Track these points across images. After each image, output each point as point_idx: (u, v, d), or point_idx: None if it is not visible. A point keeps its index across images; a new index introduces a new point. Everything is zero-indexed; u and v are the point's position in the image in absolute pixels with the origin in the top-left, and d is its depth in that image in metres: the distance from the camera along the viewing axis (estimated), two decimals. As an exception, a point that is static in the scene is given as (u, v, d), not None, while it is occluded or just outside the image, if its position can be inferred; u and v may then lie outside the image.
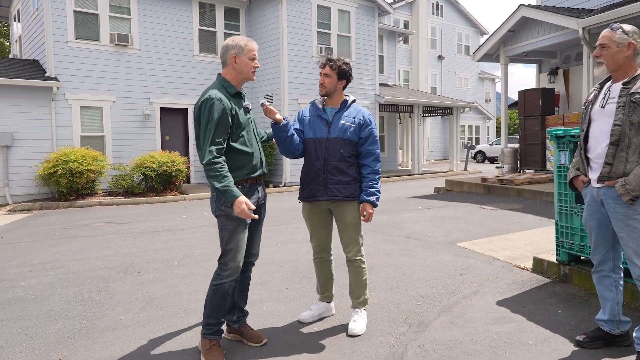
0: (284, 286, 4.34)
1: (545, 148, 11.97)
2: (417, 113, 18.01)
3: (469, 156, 21.67)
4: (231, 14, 14.76)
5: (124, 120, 12.90)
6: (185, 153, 13.88)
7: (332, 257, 3.51)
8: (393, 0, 26.37)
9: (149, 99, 13.28)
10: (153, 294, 4.21)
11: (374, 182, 3.25)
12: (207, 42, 14.27)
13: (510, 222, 7.08)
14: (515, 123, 35.24)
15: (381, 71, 18.61)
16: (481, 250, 5.43)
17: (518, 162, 12.88)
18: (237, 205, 2.70)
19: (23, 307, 3.96)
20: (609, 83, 2.85)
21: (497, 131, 34.67)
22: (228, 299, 2.92)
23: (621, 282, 2.94)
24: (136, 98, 13.08)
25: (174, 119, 13.94)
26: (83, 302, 4.04)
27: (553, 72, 12.65)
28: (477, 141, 31.54)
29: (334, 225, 3.41)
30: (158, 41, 13.33)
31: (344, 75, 3.27)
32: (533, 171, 12.38)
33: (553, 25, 10.76)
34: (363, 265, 3.36)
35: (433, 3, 29.35)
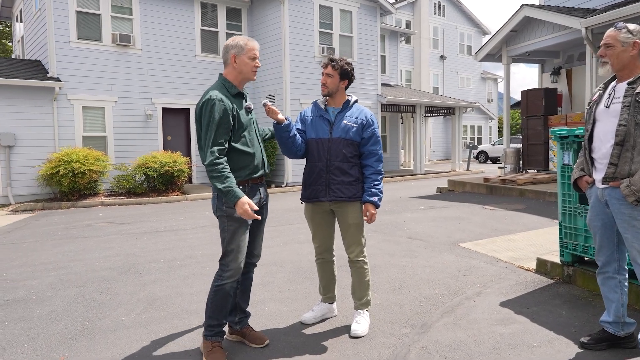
0: (286, 287, 4.33)
1: (548, 148, 11.94)
2: (419, 113, 17.98)
3: (471, 156, 21.62)
4: (233, 14, 14.76)
5: (126, 120, 12.91)
6: (187, 153, 13.88)
7: (335, 258, 3.50)
8: (395, 0, 26.33)
9: (151, 99, 13.29)
10: (155, 295, 4.20)
11: (377, 183, 3.23)
12: (209, 42, 14.27)
13: (513, 223, 7.05)
14: (517, 123, 35.15)
15: (383, 71, 18.58)
16: (484, 250, 5.41)
17: (521, 162, 12.84)
18: (240, 206, 2.69)
19: (25, 308, 3.95)
20: (614, 83, 2.83)
21: (500, 131, 34.62)
22: (229, 300, 2.91)
23: (626, 284, 2.92)
24: (138, 98, 13.08)
25: (176, 119, 13.94)
26: (85, 303, 4.04)
27: (556, 72, 12.61)
28: (480, 141, 31.49)
29: (337, 225, 3.39)
30: (160, 41, 13.34)
31: (347, 75, 3.25)
32: (536, 171, 12.34)
33: (556, 25, 10.72)
34: (366, 266, 3.34)
35: (435, 3, 29.31)
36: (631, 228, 2.67)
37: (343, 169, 3.19)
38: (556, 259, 4.34)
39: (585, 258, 4.09)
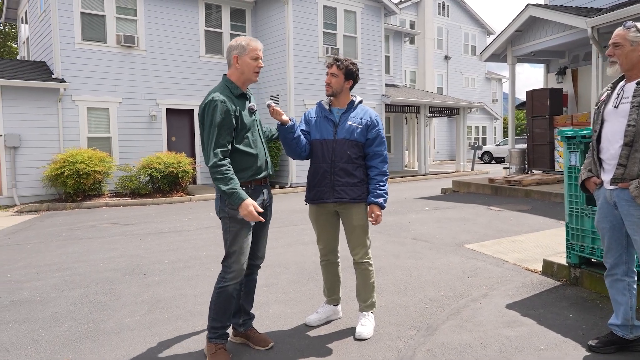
0: (291, 289, 4.30)
1: (553, 149, 11.87)
2: (424, 113, 17.93)
3: (476, 157, 21.54)
4: (237, 15, 14.77)
5: (131, 121, 12.93)
6: (191, 154, 13.89)
7: (340, 260, 3.47)
8: (399, 0, 26.29)
9: (155, 100, 13.31)
10: (159, 296, 4.19)
11: (382, 184, 3.20)
12: (213, 43, 14.28)
13: (518, 224, 7.00)
14: (522, 123, 35.03)
15: (387, 72, 18.54)
16: (489, 252, 5.37)
17: (526, 163, 12.77)
18: (244, 207, 2.67)
19: (29, 309, 3.95)
20: (622, 82, 2.79)
21: (504, 131, 34.49)
22: (233, 302, 2.89)
23: (634, 286, 2.88)
24: (142, 99, 13.11)
25: (180, 120, 13.95)
26: (89, 304, 4.03)
27: (561, 72, 12.53)
28: (484, 142, 31.39)
29: (341, 227, 3.37)
30: (164, 42, 13.36)
31: (351, 75, 3.23)
32: (541, 172, 12.27)
33: (561, 24, 10.65)
34: (370, 268, 3.31)
35: (439, 3, 29.24)
36: (640, 230, 2.63)
37: (348, 170, 3.17)
38: (563, 261, 4.29)
39: (592, 260, 4.05)
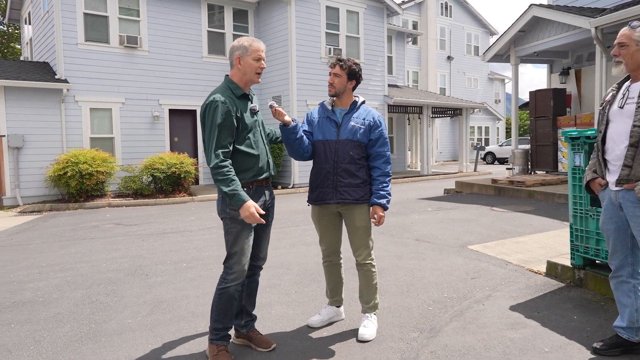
0: (293, 290, 4.29)
1: (556, 149, 11.82)
2: (426, 114, 17.90)
3: (479, 157, 21.49)
4: (240, 16, 14.77)
5: (133, 121, 12.94)
6: (194, 154, 13.90)
7: (342, 261, 3.46)
8: (402, 0, 26.26)
9: (158, 101, 13.32)
10: (161, 297, 4.18)
11: (385, 185, 3.19)
12: (216, 44, 14.29)
13: (522, 225, 6.97)
14: (525, 124, 34.94)
15: (390, 72, 18.52)
16: (493, 253, 5.35)
17: (529, 164, 12.73)
18: (245, 209, 2.67)
19: (31, 310, 3.94)
20: (628, 83, 2.77)
21: (507, 132, 34.41)
22: (234, 303, 2.88)
23: (640, 288, 2.86)
24: (145, 99, 13.12)
25: (183, 121, 13.96)
26: (91, 305, 4.02)
27: (565, 73, 12.49)
28: (487, 142, 31.30)
29: (344, 228, 3.35)
30: (167, 43, 13.37)
31: (354, 75, 3.21)
32: (544, 172, 12.23)
33: (565, 24, 10.62)
34: (373, 269, 3.30)
35: (442, 3, 29.19)
36: (646, 231, 2.61)
37: (350, 171, 3.15)
38: (567, 262, 4.27)
39: (596, 261, 4.02)
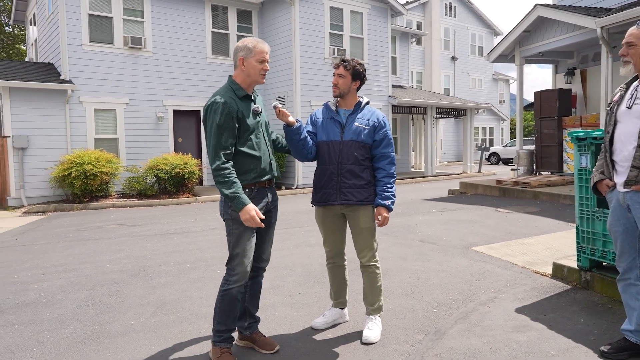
0: (297, 291, 4.27)
1: (562, 150, 11.75)
2: (430, 114, 17.85)
3: (483, 158, 21.41)
4: (244, 16, 14.78)
5: (138, 122, 12.97)
6: (197, 155, 13.91)
7: (346, 262, 3.43)
8: (406, 1, 26.22)
9: (162, 101, 13.34)
10: (164, 298, 4.17)
11: (389, 186, 3.16)
12: (220, 45, 14.30)
13: (527, 226, 6.93)
14: (530, 125, 34.79)
15: (394, 72, 18.48)
16: (498, 254, 5.31)
17: (534, 164, 12.66)
18: (245, 212, 2.65)
19: (35, 311, 3.94)
20: (636, 83, 2.73)
21: (512, 133, 34.30)
22: (237, 305, 2.86)
23: (648, 291, 2.82)
24: (149, 100, 13.14)
25: (187, 121, 13.98)
26: (94, 306, 4.02)
27: (570, 73, 12.42)
28: (491, 143, 31.20)
29: (348, 229, 3.33)
30: (171, 44, 13.39)
31: (358, 76, 3.19)
32: (550, 173, 12.16)
33: (570, 24, 10.55)
34: (378, 270, 3.27)
35: (446, 4, 29.13)
36: (654, 233, 2.57)
37: (354, 172, 3.13)
38: (573, 264, 4.23)
39: (603, 263, 3.98)
